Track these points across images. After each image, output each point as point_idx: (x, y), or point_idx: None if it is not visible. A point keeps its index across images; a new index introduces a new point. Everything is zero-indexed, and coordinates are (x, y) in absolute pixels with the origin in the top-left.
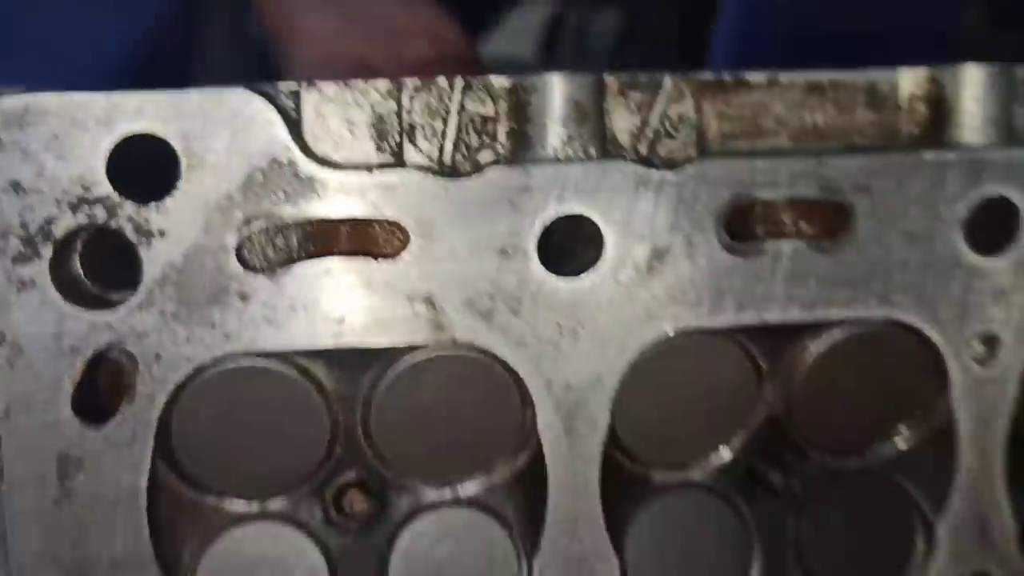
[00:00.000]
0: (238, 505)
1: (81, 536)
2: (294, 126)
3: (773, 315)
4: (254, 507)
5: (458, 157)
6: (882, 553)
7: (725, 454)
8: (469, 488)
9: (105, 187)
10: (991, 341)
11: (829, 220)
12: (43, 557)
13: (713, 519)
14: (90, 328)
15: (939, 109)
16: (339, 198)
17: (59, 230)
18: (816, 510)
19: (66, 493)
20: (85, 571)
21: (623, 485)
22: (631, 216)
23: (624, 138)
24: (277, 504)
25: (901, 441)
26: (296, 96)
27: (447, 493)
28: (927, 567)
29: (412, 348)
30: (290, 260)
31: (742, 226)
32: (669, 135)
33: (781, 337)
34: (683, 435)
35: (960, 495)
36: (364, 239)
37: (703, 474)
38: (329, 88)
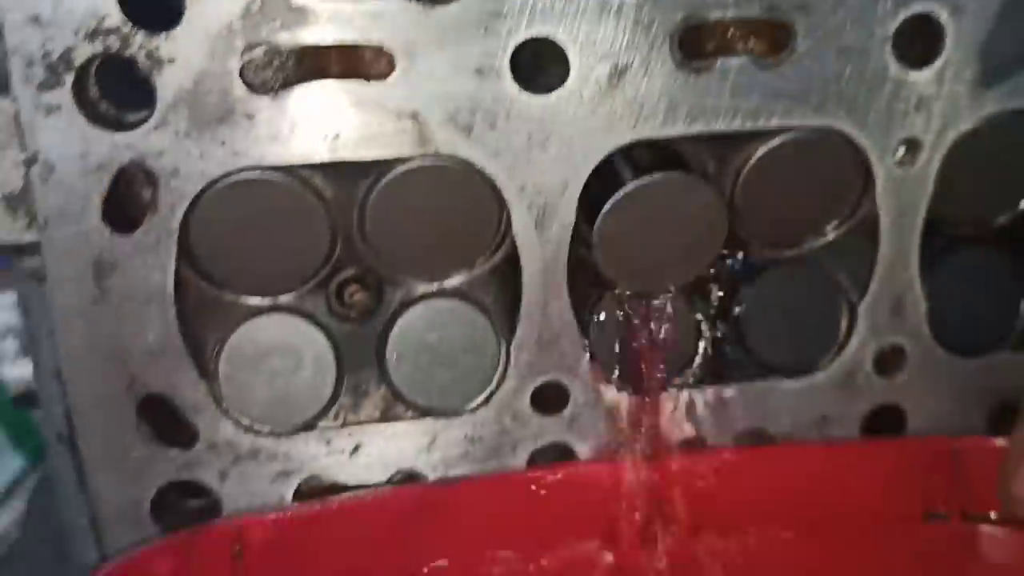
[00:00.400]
0: (253, 300)
1: (118, 329)
2: None
3: (720, 125)
4: (267, 301)
5: None
6: (811, 330)
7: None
8: (453, 281)
9: (117, 18)
10: (912, 145)
11: (772, 38)
12: (85, 348)
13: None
14: (113, 147)
15: None
16: (330, 26)
17: (78, 58)
18: (754, 294)
19: (103, 292)
20: (122, 359)
21: (590, 275)
22: (594, 38)
23: None
24: (287, 298)
25: (831, 233)
26: None
27: (434, 286)
28: (848, 341)
29: (401, 160)
30: (289, 82)
31: (694, 45)
32: None
33: (728, 145)
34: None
35: (879, 279)
36: (355, 63)
37: None
38: None
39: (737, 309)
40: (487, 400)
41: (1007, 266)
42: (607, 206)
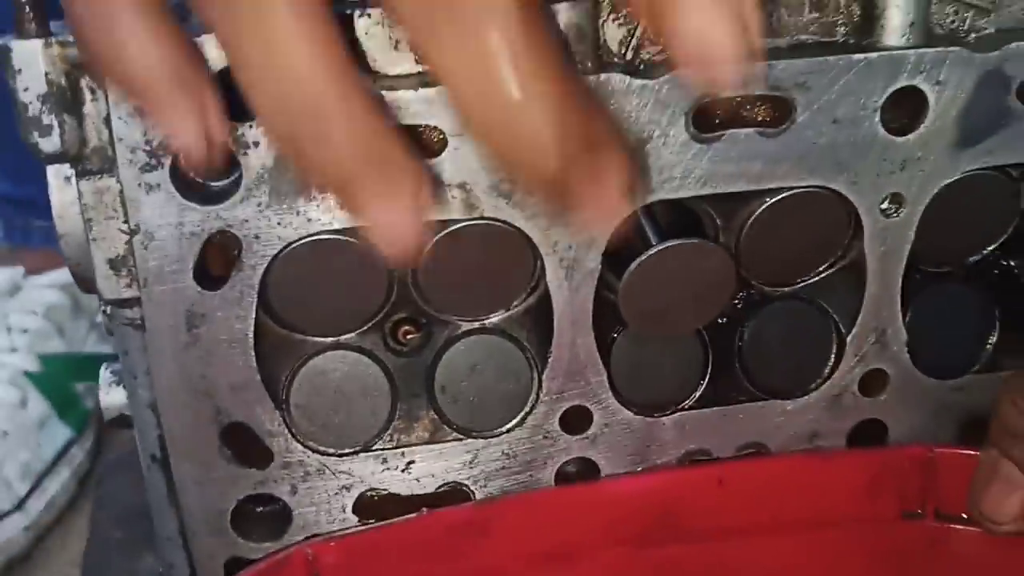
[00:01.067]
0: (318, 340)
1: (206, 369)
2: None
3: (728, 187)
4: (331, 340)
5: None
6: (805, 357)
7: None
8: (493, 319)
9: None
10: (897, 199)
11: (774, 111)
12: (178, 385)
13: (678, 336)
14: (204, 218)
15: (869, 12)
16: (392, 111)
17: None
18: (755, 326)
19: (193, 339)
20: (209, 394)
21: (609, 316)
22: (619, 115)
23: (615, 47)
24: (348, 337)
25: (823, 273)
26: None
27: (476, 323)
28: (837, 367)
29: (452, 221)
30: None
31: (705, 116)
32: (651, 42)
33: (733, 203)
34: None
35: (866, 313)
36: (417, 142)
37: None
38: (376, 10)
39: (740, 340)
40: (522, 422)
41: (977, 300)
42: (632, 266)
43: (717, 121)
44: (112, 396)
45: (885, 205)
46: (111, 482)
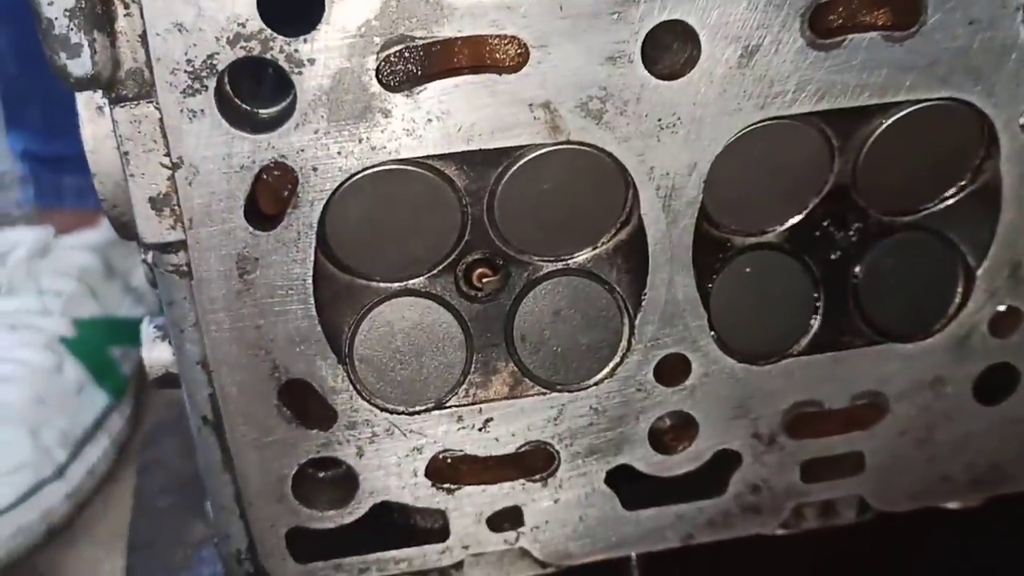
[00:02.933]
0: (384, 285)
1: (261, 320)
2: None
3: (848, 101)
4: (398, 285)
5: None
6: (928, 295)
7: (798, 218)
8: (578, 259)
9: (258, 23)
10: None
11: (899, 11)
12: (231, 337)
13: (784, 273)
14: (254, 148)
15: None
16: (466, 19)
17: (221, 64)
18: (873, 260)
19: (246, 285)
20: (265, 348)
21: (709, 249)
22: (725, 19)
23: None
24: (417, 282)
25: (951, 200)
26: None
27: (559, 264)
28: (965, 305)
29: (532, 147)
30: (424, 77)
31: (822, 22)
32: None
33: (853, 117)
34: (762, 205)
35: (999, 244)
36: (489, 56)
37: (778, 235)
38: None
39: (855, 276)
40: (612, 373)
41: None
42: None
43: (836, 26)
44: (156, 352)
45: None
46: (155, 447)
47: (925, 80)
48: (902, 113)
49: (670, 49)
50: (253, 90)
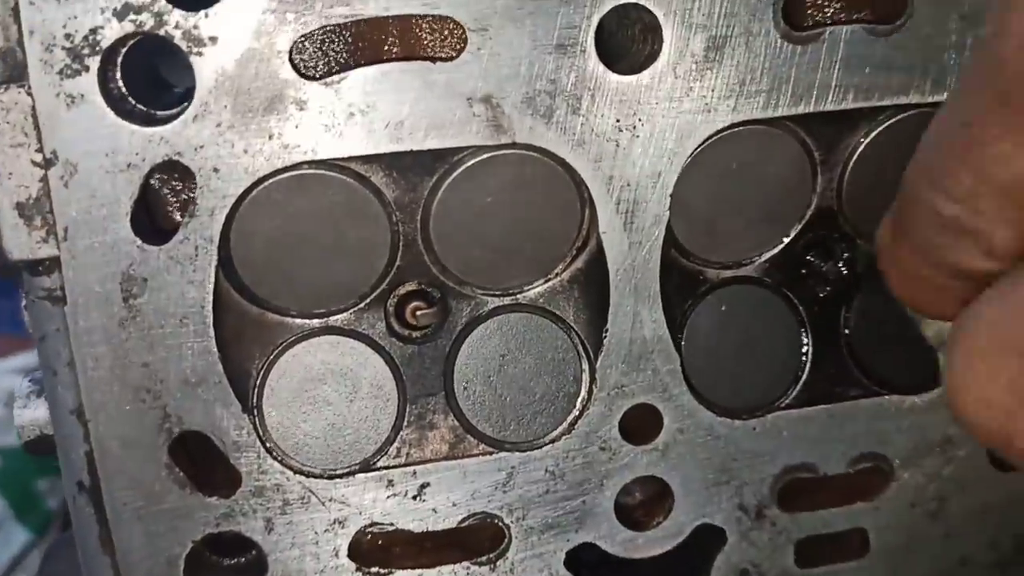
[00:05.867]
0: (302, 320)
1: (150, 355)
2: None
3: (829, 104)
4: (318, 322)
5: None
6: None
7: (778, 247)
8: (529, 292)
9: None
10: None
11: (886, 3)
12: (112, 377)
13: (766, 312)
14: (145, 143)
15: None
16: None
17: (106, 40)
18: (866, 297)
19: (132, 312)
20: (154, 391)
21: (680, 282)
22: (689, 5)
23: None
24: (341, 317)
25: None
26: None
27: (507, 299)
28: None
29: (472, 151)
30: (347, 65)
31: (799, 13)
32: None
33: (836, 126)
34: (739, 230)
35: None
36: (421, 39)
37: (757, 268)
38: None
39: (847, 316)
40: (570, 428)
41: None
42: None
43: (814, 17)
44: (30, 410)
45: None
46: (51, 566)
47: (915, 81)
48: (891, 121)
49: (633, 41)
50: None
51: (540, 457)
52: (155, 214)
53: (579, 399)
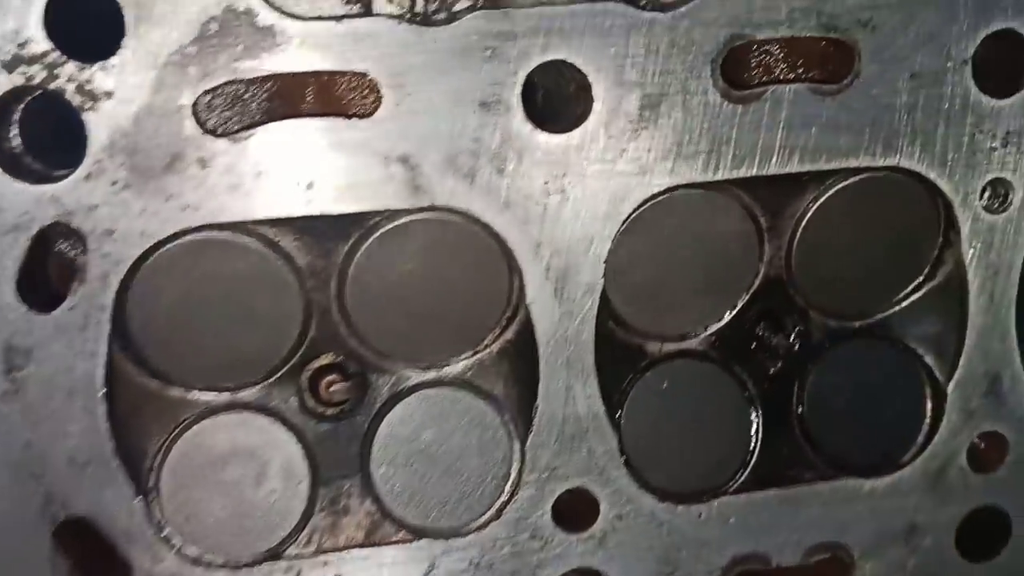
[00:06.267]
0: (206, 395)
1: (33, 432)
2: None
3: (773, 166)
4: (224, 397)
5: (431, 3)
6: (889, 417)
7: (724, 319)
8: (455, 368)
9: (43, 43)
10: (1001, 186)
11: (831, 64)
12: None
13: (712, 388)
14: (33, 202)
15: None
16: (303, 50)
17: None
18: (819, 374)
19: (15, 386)
20: (39, 470)
21: (618, 356)
22: (621, 62)
23: None
24: (249, 393)
25: (909, 297)
26: None
27: (431, 373)
28: (936, 429)
29: (389, 215)
30: (253, 123)
31: (740, 71)
32: None
33: (782, 190)
34: (681, 300)
35: (970, 352)
36: (333, 96)
37: (702, 341)
38: None
39: (799, 393)
40: (498, 514)
41: None
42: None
43: (758, 77)
44: None
45: (986, 196)
46: None
47: (864, 144)
48: (840, 185)
49: (569, 100)
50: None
51: (465, 546)
52: (52, 280)
53: (508, 482)
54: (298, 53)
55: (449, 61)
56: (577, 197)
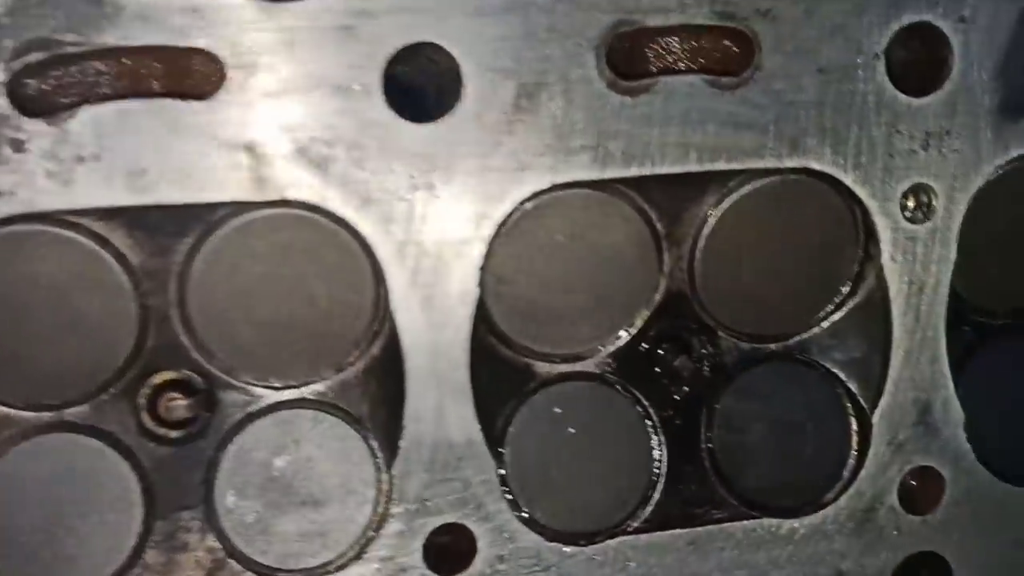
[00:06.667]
0: (27, 415)
1: None
2: None
3: (667, 165)
4: (47, 417)
5: None
6: (810, 450)
7: (622, 338)
8: (316, 387)
9: None
10: (923, 192)
11: (730, 56)
12: None
13: (609, 415)
14: None
15: None
16: (137, 24)
17: None
18: (730, 401)
19: None
20: None
21: (502, 376)
22: (494, 46)
23: None
24: (77, 411)
25: (829, 317)
26: None
27: (289, 393)
28: (862, 463)
29: (235, 209)
30: (78, 102)
31: (629, 62)
32: None
33: (680, 192)
34: (571, 316)
35: (896, 377)
36: (170, 75)
37: (598, 362)
38: None
39: (709, 422)
40: (360, 554)
41: None
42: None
43: (655, 66)
44: None
45: (909, 204)
46: None
47: (768, 143)
48: (744, 189)
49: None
50: None
51: None
52: None
53: (373, 516)
54: (131, 26)
55: (303, 39)
56: (447, 195)
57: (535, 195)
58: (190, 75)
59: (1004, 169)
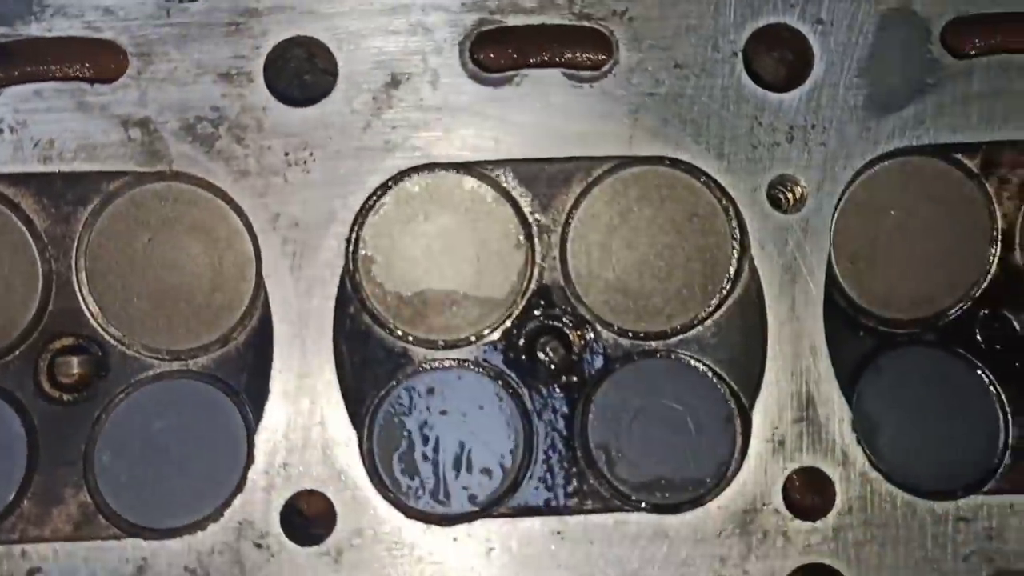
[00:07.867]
0: None
1: None
2: None
3: (531, 150)
4: None
5: None
6: (687, 444)
7: (499, 327)
8: (201, 359)
9: None
10: (790, 182)
11: (590, 48)
12: None
13: (484, 401)
14: None
15: None
16: (57, 18)
17: None
18: (604, 394)
19: None
20: None
21: (375, 357)
22: (366, 40)
23: None
24: None
25: (710, 314)
26: None
27: (176, 364)
28: (742, 462)
29: (129, 181)
30: (3, 82)
31: (495, 55)
32: None
33: (547, 178)
34: (446, 300)
35: (773, 370)
36: (80, 61)
37: (477, 349)
38: None
39: (582, 415)
40: (217, 515)
41: (961, 370)
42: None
43: (512, 61)
44: None
45: (774, 193)
46: None
47: (628, 132)
48: (613, 177)
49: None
50: None
51: (178, 548)
52: None
53: (235, 480)
54: (52, 21)
55: (195, 32)
56: (318, 170)
57: (403, 172)
58: (98, 62)
59: (876, 166)
